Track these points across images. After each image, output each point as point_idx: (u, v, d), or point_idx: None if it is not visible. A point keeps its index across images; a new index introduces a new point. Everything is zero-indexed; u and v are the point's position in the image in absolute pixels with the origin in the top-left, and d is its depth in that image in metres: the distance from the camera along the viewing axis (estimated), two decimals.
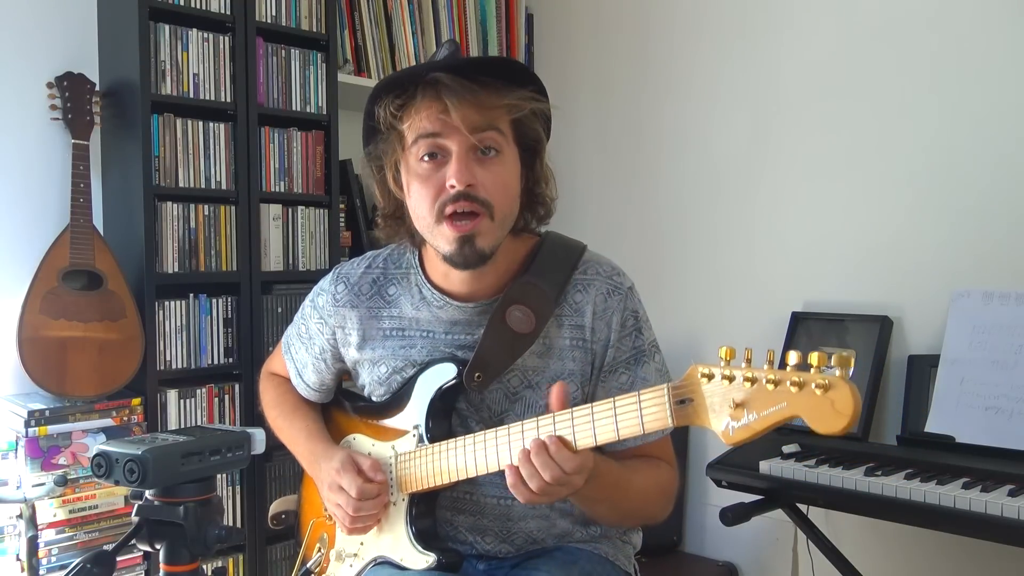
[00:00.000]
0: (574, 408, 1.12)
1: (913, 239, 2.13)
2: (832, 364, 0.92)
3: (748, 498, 1.89)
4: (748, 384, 0.97)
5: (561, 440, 1.10)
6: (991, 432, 1.77)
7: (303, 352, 1.48)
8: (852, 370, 0.93)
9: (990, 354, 1.84)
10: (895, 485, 1.64)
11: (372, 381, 1.38)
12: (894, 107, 2.16)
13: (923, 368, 1.96)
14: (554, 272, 1.29)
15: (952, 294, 1.94)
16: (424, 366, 1.31)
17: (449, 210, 1.20)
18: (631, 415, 1.07)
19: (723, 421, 0.98)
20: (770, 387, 0.95)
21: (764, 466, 1.83)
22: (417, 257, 1.38)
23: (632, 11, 2.75)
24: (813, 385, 0.92)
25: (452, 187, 1.19)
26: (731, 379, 0.98)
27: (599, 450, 1.15)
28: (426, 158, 1.22)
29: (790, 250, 2.37)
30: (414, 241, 1.35)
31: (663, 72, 2.66)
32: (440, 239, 1.23)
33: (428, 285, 1.34)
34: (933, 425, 1.86)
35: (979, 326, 1.88)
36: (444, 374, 1.29)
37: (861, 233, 2.22)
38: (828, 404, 0.91)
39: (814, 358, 0.93)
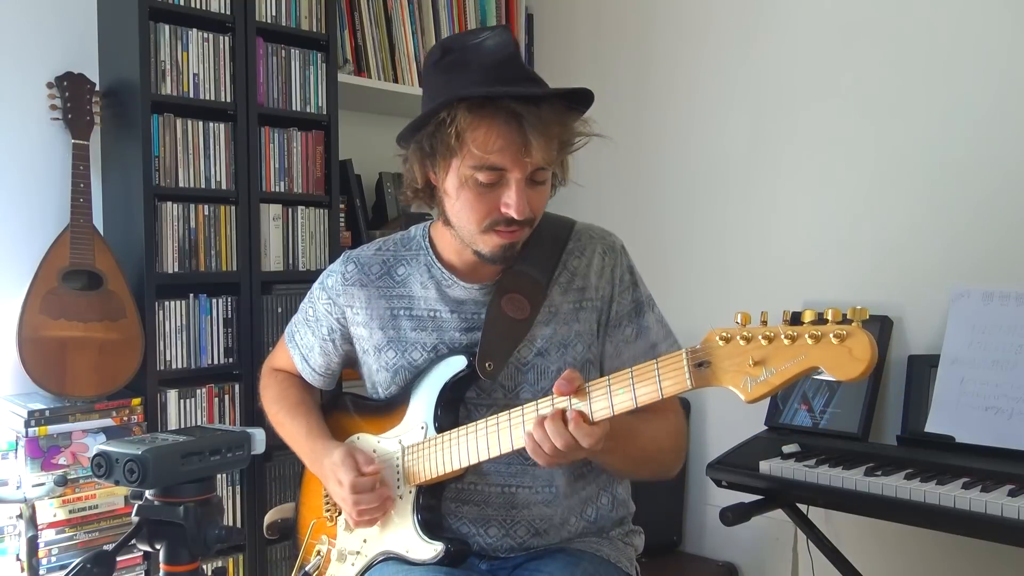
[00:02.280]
0: (590, 383, 1.15)
1: (913, 239, 2.13)
2: (848, 316, 0.96)
3: (748, 498, 1.89)
4: (765, 342, 1.00)
5: (580, 415, 1.13)
6: (991, 432, 1.77)
7: (309, 336, 1.49)
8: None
9: (990, 354, 1.84)
10: (895, 485, 1.64)
11: (380, 367, 1.39)
12: (894, 108, 2.16)
13: (923, 368, 1.96)
14: (543, 256, 1.35)
15: (952, 294, 1.94)
16: (432, 360, 1.34)
17: (501, 229, 1.25)
18: (649, 382, 1.10)
19: (742, 379, 1.02)
20: (787, 342, 0.99)
21: (764, 466, 1.83)
22: (427, 239, 1.41)
23: (632, 11, 2.75)
24: (831, 335, 0.96)
25: (508, 215, 1.23)
26: (748, 339, 1.01)
27: None
28: (483, 179, 1.22)
29: (790, 250, 2.37)
30: (438, 212, 1.36)
31: (663, 72, 2.66)
32: (481, 244, 1.28)
33: (438, 265, 1.38)
34: (933, 425, 1.86)
35: (979, 326, 1.88)
36: (454, 365, 1.31)
37: (861, 233, 2.23)
38: (846, 352, 0.95)
39: (829, 313, 0.97)
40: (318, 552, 1.43)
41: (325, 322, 1.46)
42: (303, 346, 1.50)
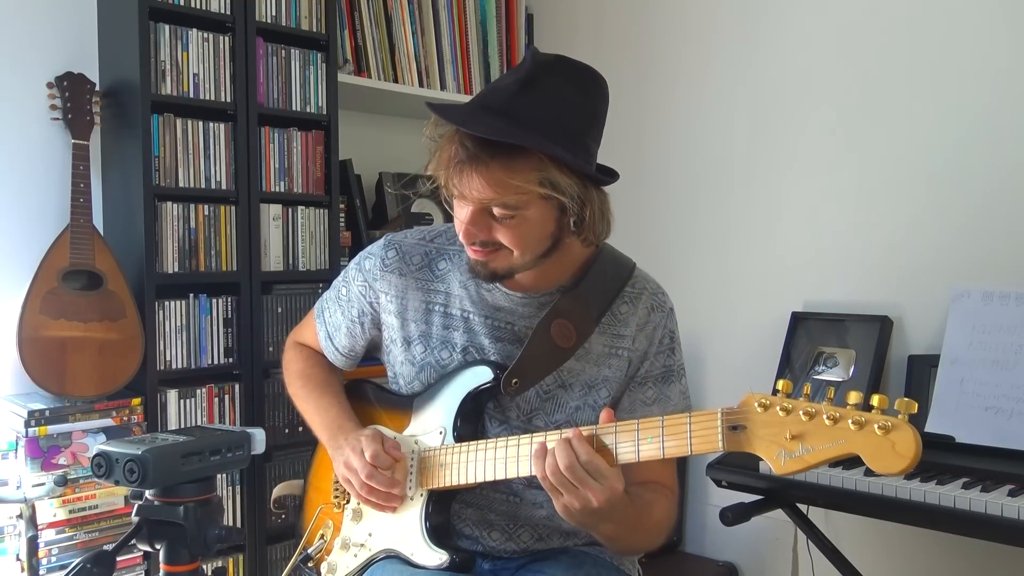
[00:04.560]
0: (618, 422, 1.13)
1: (913, 239, 2.13)
2: (895, 407, 0.94)
3: (748, 498, 1.89)
4: (806, 418, 0.98)
5: (598, 442, 1.12)
6: (991, 432, 1.77)
7: (338, 315, 1.48)
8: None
9: (990, 354, 1.84)
10: (895, 485, 1.64)
11: (405, 360, 1.38)
12: (894, 107, 2.16)
13: (923, 368, 1.96)
14: (602, 290, 1.32)
15: (952, 294, 1.94)
16: (459, 366, 1.32)
17: (467, 244, 1.24)
18: (679, 436, 1.08)
19: (776, 451, 1.00)
20: (829, 423, 0.97)
21: (764, 466, 1.83)
22: None
23: (632, 11, 2.75)
24: (876, 425, 0.94)
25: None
26: (788, 411, 1.00)
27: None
28: (455, 193, 1.21)
29: (790, 250, 2.37)
30: None
31: (663, 73, 2.66)
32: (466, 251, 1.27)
33: None
34: (933, 425, 1.86)
35: (979, 326, 1.88)
36: (480, 376, 1.29)
37: (861, 233, 2.23)
38: (889, 445, 0.93)
39: (876, 399, 0.95)
40: (321, 536, 1.42)
41: (357, 304, 1.44)
42: (330, 324, 1.49)
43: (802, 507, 1.98)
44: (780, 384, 1.02)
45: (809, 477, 1.76)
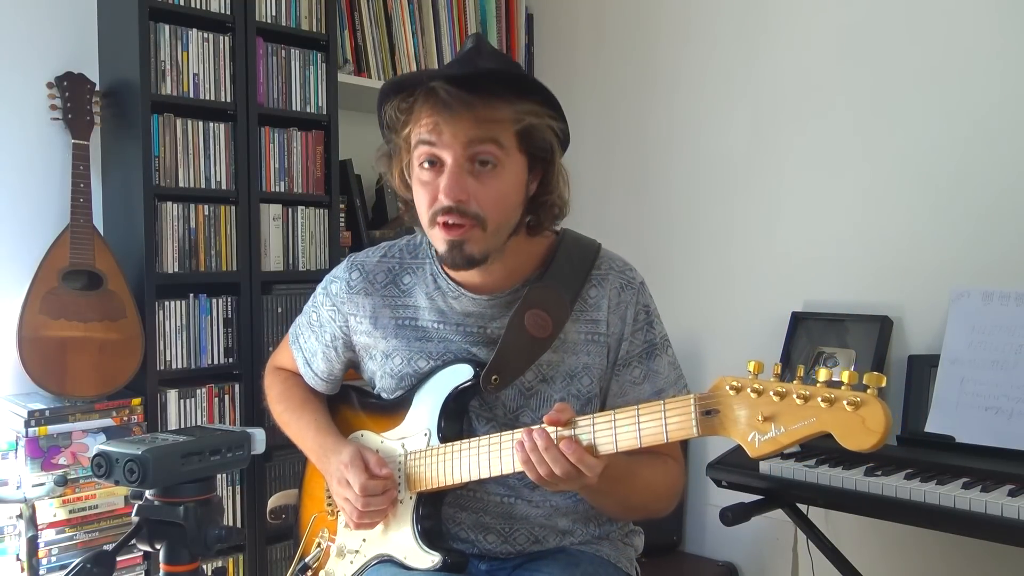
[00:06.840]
0: (595, 415, 1.13)
1: (913, 239, 2.13)
2: (864, 382, 0.93)
3: (748, 498, 1.89)
4: (777, 398, 0.98)
5: (575, 442, 1.12)
6: (991, 432, 1.77)
7: (313, 340, 1.47)
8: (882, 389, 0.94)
9: (990, 354, 1.84)
10: (895, 485, 1.64)
11: (384, 373, 1.38)
12: (894, 108, 2.16)
13: (923, 368, 1.96)
14: (571, 274, 1.31)
15: (952, 294, 1.94)
16: (438, 366, 1.32)
17: (440, 220, 1.21)
18: (655, 423, 1.08)
19: (750, 433, 0.99)
20: (799, 402, 0.96)
21: (764, 466, 1.83)
22: (433, 248, 1.37)
23: (632, 11, 2.75)
24: (845, 402, 0.93)
25: (442, 200, 1.20)
26: (760, 392, 0.99)
27: None
28: (426, 164, 1.21)
29: (790, 250, 2.37)
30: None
31: (663, 72, 2.66)
32: (435, 239, 1.25)
33: (444, 275, 1.34)
34: (933, 425, 1.86)
35: (979, 326, 1.88)
36: (460, 375, 1.29)
37: (861, 233, 2.23)
38: (859, 421, 0.92)
39: (845, 375, 0.94)
40: (318, 545, 1.43)
41: (328, 328, 1.44)
42: (306, 350, 1.49)
43: (802, 507, 1.98)
44: (751, 365, 1.01)
45: (809, 477, 1.76)
